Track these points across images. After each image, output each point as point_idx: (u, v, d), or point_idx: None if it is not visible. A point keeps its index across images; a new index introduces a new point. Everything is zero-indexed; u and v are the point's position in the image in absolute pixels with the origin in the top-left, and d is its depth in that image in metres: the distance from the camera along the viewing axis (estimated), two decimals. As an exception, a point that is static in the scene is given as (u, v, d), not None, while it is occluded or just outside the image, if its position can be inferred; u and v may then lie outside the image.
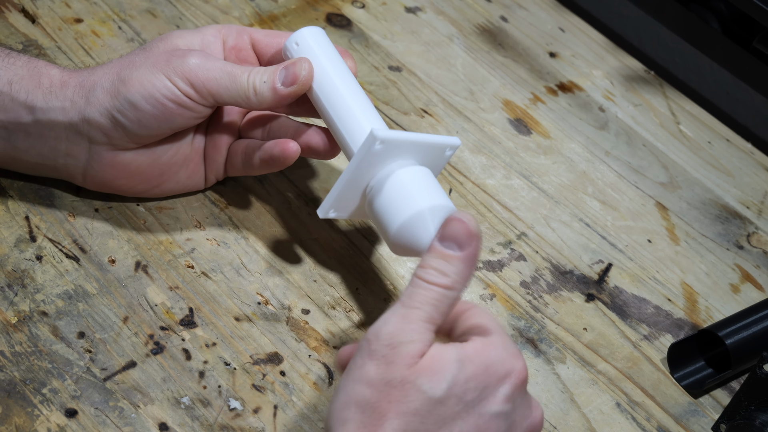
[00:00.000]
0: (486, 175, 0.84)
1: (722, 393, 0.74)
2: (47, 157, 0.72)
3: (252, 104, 0.70)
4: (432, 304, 0.58)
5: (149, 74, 0.69)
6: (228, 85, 0.69)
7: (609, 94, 0.93)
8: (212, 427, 0.65)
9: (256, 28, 0.75)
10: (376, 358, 0.56)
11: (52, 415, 0.64)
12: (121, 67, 0.70)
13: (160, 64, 0.69)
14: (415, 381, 0.56)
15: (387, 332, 0.57)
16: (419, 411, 0.56)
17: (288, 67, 0.70)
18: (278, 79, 0.70)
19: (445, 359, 0.57)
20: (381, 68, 0.89)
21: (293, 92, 0.70)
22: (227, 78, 0.69)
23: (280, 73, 0.70)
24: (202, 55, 0.70)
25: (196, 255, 0.74)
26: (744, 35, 0.92)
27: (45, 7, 0.87)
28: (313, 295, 0.73)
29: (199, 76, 0.69)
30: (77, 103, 0.69)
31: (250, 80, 0.70)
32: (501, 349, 0.58)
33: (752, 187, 0.88)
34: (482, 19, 0.97)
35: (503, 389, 0.58)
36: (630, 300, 0.78)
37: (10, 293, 0.69)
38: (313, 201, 0.78)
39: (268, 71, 0.70)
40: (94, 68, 0.71)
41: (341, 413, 0.56)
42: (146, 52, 0.71)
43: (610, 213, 0.83)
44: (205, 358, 0.68)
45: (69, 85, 0.70)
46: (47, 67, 0.71)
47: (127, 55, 0.71)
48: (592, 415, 0.71)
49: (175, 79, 0.69)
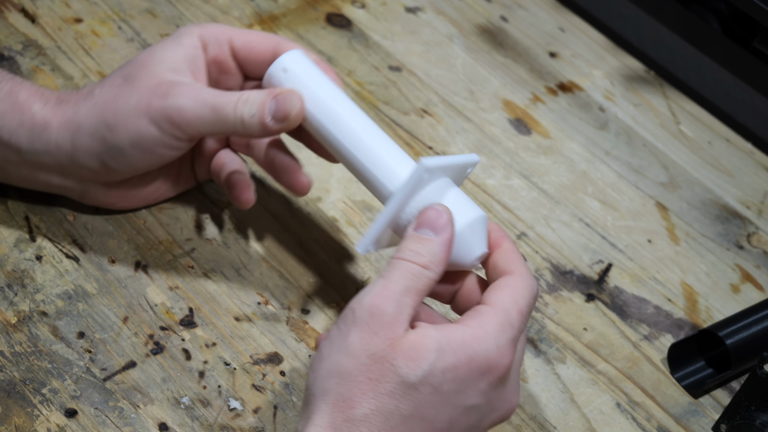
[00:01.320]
0: (486, 175, 0.84)
1: (722, 393, 0.74)
2: (41, 186, 0.72)
3: (240, 136, 0.68)
4: (410, 279, 0.59)
5: (134, 120, 0.66)
6: (214, 121, 0.66)
7: (609, 94, 0.93)
8: (212, 427, 0.65)
9: (237, 30, 0.71)
10: (359, 325, 0.57)
11: (52, 415, 0.64)
12: (104, 106, 0.67)
13: (143, 107, 0.66)
14: (393, 361, 0.56)
15: (369, 301, 0.58)
16: (394, 393, 0.56)
17: (278, 101, 0.66)
18: (268, 113, 0.66)
19: (425, 346, 0.57)
20: (381, 68, 0.89)
21: (283, 128, 0.66)
22: (212, 115, 0.66)
23: (270, 105, 0.66)
24: (184, 91, 0.66)
25: (196, 255, 0.73)
26: (744, 35, 0.92)
27: (45, 6, 0.87)
28: (313, 295, 0.73)
29: (184, 117, 0.66)
30: (63, 146, 0.68)
31: (237, 113, 0.66)
32: (489, 344, 0.58)
33: (752, 187, 0.88)
34: (482, 19, 0.97)
35: (482, 384, 0.58)
36: (630, 300, 0.78)
37: (9, 293, 0.69)
38: (313, 201, 0.78)
39: (257, 102, 0.66)
40: (76, 101, 0.68)
41: (323, 382, 0.57)
42: (129, 85, 0.67)
43: (610, 213, 0.83)
44: (205, 358, 0.68)
45: (51, 126, 0.68)
46: (28, 100, 0.68)
47: (108, 84, 0.68)
48: (592, 415, 0.71)
49: (161, 124, 0.66)
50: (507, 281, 0.61)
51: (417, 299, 0.59)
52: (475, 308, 0.60)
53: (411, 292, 0.59)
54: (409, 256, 0.60)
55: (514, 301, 0.60)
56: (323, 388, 0.57)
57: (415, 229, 0.61)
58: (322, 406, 0.57)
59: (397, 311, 0.58)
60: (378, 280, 0.59)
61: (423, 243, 0.60)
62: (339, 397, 0.57)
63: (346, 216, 0.78)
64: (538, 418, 0.70)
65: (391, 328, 0.57)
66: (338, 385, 0.57)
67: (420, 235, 0.61)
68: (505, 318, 0.59)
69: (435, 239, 0.60)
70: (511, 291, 0.60)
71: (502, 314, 0.59)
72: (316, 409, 0.57)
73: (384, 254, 0.76)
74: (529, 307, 0.61)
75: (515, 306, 0.60)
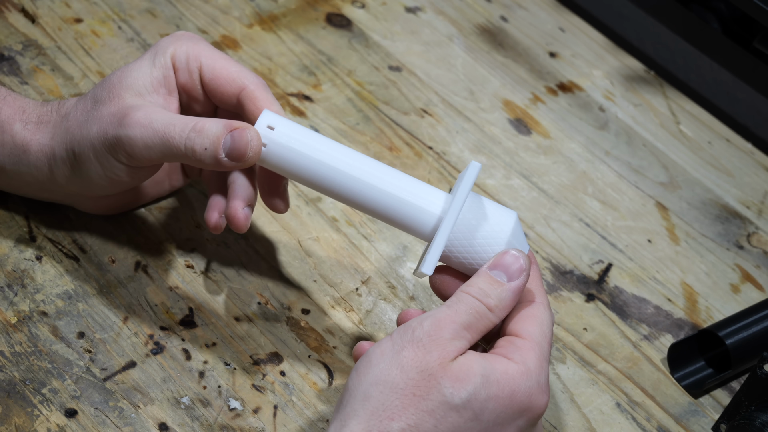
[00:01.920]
0: (486, 175, 0.84)
1: (722, 393, 0.74)
2: (32, 197, 0.72)
3: (194, 165, 0.64)
4: (473, 315, 0.59)
5: (95, 151, 0.65)
6: (164, 152, 0.63)
7: (609, 94, 0.93)
8: (212, 427, 0.65)
9: (209, 56, 0.67)
10: (416, 344, 0.57)
11: (52, 415, 0.64)
12: (73, 133, 0.66)
13: (101, 136, 0.64)
14: (439, 380, 0.56)
15: (430, 323, 0.58)
16: (435, 412, 0.56)
17: (234, 137, 0.62)
18: (222, 150, 0.62)
19: (472, 370, 0.57)
20: (381, 68, 0.89)
21: (238, 167, 0.63)
22: (162, 145, 0.63)
23: (225, 141, 0.62)
24: (136, 120, 0.63)
25: (196, 255, 0.73)
26: (744, 35, 0.92)
27: (45, 6, 0.87)
28: (313, 295, 0.73)
29: (134, 148, 0.63)
30: (42, 170, 0.68)
31: (188, 145, 0.62)
32: (532, 381, 0.58)
33: (752, 187, 0.88)
34: (482, 19, 0.97)
35: (520, 421, 0.58)
36: (630, 300, 0.78)
37: (10, 293, 0.69)
38: (313, 201, 0.78)
39: (211, 135, 0.62)
40: (54, 123, 0.67)
41: (368, 388, 0.57)
42: (95, 110, 0.66)
43: (610, 213, 0.83)
44: (205, 358, 0.68)
45: (30, 151, 0.67)
46: (9, 120, 0.67)
47: (81, 106, 0.67)
48: (592, 415, 0.71)
49: (117, 154, 0.64)
50: (534, 312, 0.61)
51: (474, 336, 0.59)
52: (509, 339, 0.60)
53: (471, 328, 0.59)
54: (478, 294, 0.60)
55: (543, 333, 0.60)
56: (366, 394, 0.57)
57: (490, 268, 0.61)
58: (361, 412, 0.56)
59: (453, 338, 0.58)
60: (442, 308, 0.59)
61: (494, 285, 0.60)
62: (380, 406, 0.56)
63: (346, 216, 0.78)
64: (538, 418, 0.70)
65: (444, 350, 0.57)
66: (382, 394, 0.57)
67: (493, 276, 0.60)
68: (541, 353, 0.60)
69: (507, 285, 0.60)
70: (540, 322, 0.61)
71: (538, 349, 0.60)
72: (353, 413, 0.57)
73: (384, 253, 0.76)
74: (552, 335, 0.62)
75: (546, 339, 0.60)
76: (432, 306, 0.74)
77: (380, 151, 0.83)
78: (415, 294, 0.74)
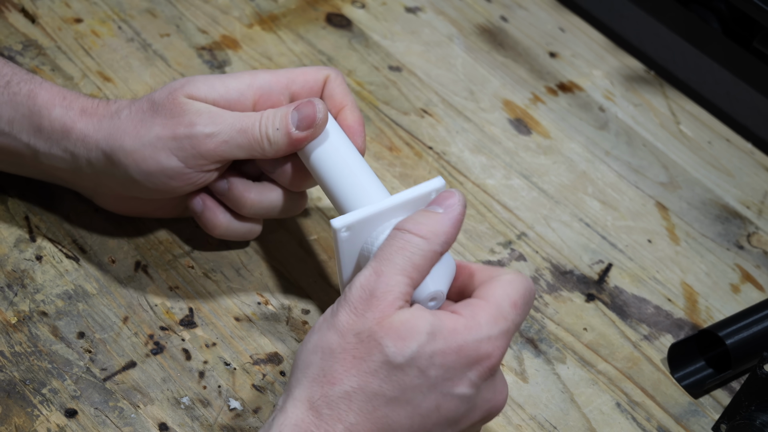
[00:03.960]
0: (486, 175, 0.84)
1: (722, 393, 0.74)
2: (55, 181, 0.72)
3: (267, 154, 0.66)
4: (406, 253, 0.58)
5: (154, 150, 0.65)
6: (240, 143, 0.65)
7: (609, 94, 0.93)
8: (212, 427, 0.65)
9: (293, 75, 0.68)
10: (349, 305, 0.57)
11: (52, 415, 0.64)
12: (126, 130, 0.66)
13: (166, 136, 0.65)
14: (380, 340, 0.56)
15: (360, 283, 0.57)
16: (378, 372, 0.56)
17: (300, 109, 0.65)
18: (292, 123, 0.65)
19: (416, 327, 0.56)
20: (381, 68, 0.89)
21: (309, 136, 0.65)
22: (239, 136, 0.65)
23: (292, 115, 0.65)
24: (209, 119, 0.65)
25: (196, 255, 0.73)
26: (744, 35, 0.92)
27: (45, 6, 0.87)
28: (313, 295, 0.73)
29: (212, 143, 0.65)
30: (79, 158, 0.67)
31: (263, 130, 0.65)
32: (481, 334, 0.57)
33: (752, 187, 0.88)
34: (482, 19, 0.97)
35: (471, 374, 0.57)
36: (630, 300, 0.78)
37: (9, 293, 0.69)
38: (313, 201, 0.78)
39: (278, 115, 0.65)
40: (101, 116, 0.67)
41: (308, 356, 0.57)
42: (153, 112, 0.66)
43: (610, 213, 0.83)
44: (205, 358, 0.68)
45: (70, 137, 0.67)
46: (48, 105, 0.67)
47: (136, 107, 0.67)
48: (592, 415, 0.71)
49: (185, 153, 0.65)
50: (499, 277, 0.60)
51: (414, 275, 0.58)
52: (466, 300, 0.59)
53: (406, 268, 0.58)
54: (409, 225, 0.59)
55: (506, 294, 0.59)
56: (306, 362, 0.57)
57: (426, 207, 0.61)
58: (303, 380, 0.56)
59: (387, 291, 0.57)
60: (372, 261, 0.58)
61: (427, 215, 0.59)
62: (320, 372, 0.56)
63: (346, 216, 0.78)
64: (538, 418, 0.70)
65: (379, 308, 0.56)
66: (322, 360, 0.56)
67: (428, 209, 0.60)
68: (497, 310, 0.58)
69: (441, 213, 0.59)
70: (503, 284, 0.59)
71: (494, 307, 0.58)
72: (296, 383, 0.57)
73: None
74: (523, 300, 0.59)
75: (507, 299, 0.59)
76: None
77: (380, 151, 0.83)
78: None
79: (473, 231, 0.79)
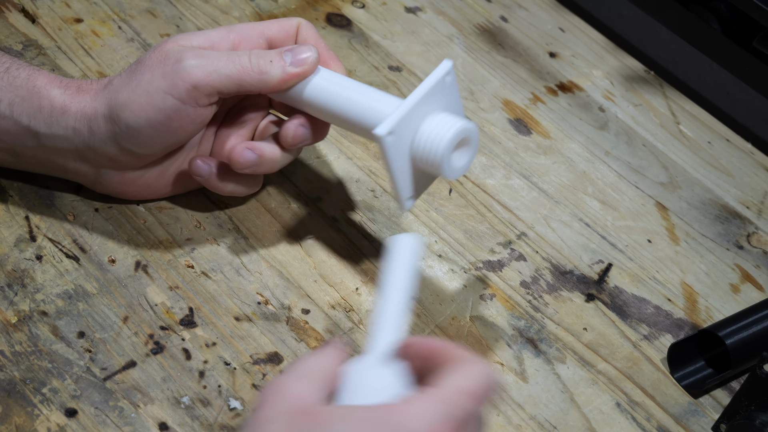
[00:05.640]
0: (486, 175, 0.84)
1: (722, 393, 0.74)
2: (56, 171, 0.72)
3: (258, 87, 0.69)
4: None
5: (149, 95, 0.67)
6: (230, 73, 0.67)
7: (609, 94, 0.93)
8: (212, 426, 0.65)
9: (267, 24, 0.73)
10: None
11: (52, 414, 0.64)
12: (119, 88, 0.68)
13: (157, 78, 0.67)
14: None
15: None
16: None
17: (294, 51, 0.69)
18: (287, 58, 0.69)
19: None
20: (381, 68, 0.89)
21: (302, 73, 0.69)
22: (229, 66, 0.68)
23: (286, 54, 0.69)
24: (196, 52, 0.68)
25: (196, 255, 0.74)
26: (744, 35, 0.92)
27: (45, 6, 0.87)
28: (313, 295, 0.73)
29: (200, 76, 0.67)
30: (80, 131, 0.69)
31: (253, 61, 0.68)
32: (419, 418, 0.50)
33: (752, 187, 0.88)
34: (482, 19, 0.97)
35: None
36: (630, 300, 0.78)
37: (10, 293, 0.69)
38: (313, 201, 0.78)
39: (272, 53, 0.69)
40: (95, 88, 0.69)
41: None
42: (140, 65, 0.68)
43: (610, 213, 0.83)
44: (205, 357, 0.68)
45: (69, 112, 0.68)
46: (47, 86, 0.69)
47: (125, 71, 0.69)
48: (592, 415, 0.71)
49: (178, 90, 0.67)
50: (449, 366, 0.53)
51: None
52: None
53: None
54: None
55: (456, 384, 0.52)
56: None
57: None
58: None
59: None
60: None
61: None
62: None
63: (346, 216, 0.78)
64: (538, 418, 0.70)
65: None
66: None
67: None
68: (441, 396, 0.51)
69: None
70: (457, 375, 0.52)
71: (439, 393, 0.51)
72: None
73: (383, 252, 0.76)
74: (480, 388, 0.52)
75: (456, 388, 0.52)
76: (434, 309, 0.74)
77: (380, 151, 0.83)
78: (415, 294, 0.74)
79: (473, 231, 0.79)
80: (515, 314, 0.75)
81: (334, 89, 0.70)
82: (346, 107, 0.69)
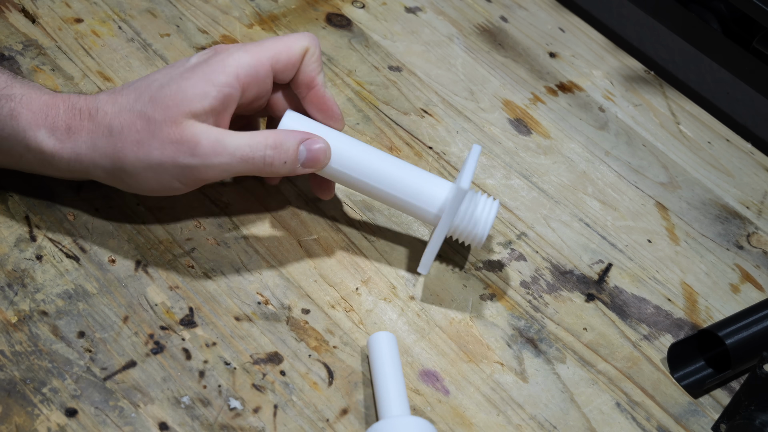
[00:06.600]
0: (486, 175, 0.84)
1: (722, 393, 0.74)
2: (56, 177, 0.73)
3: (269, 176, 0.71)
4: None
5: (156, 173, 0.67)
6: (242, 170, 0.68)
7: (609, 94, 0.93)
8: (212, 426, 0.65)
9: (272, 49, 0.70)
10: None
11: (52, 414, 0.64)
12: (124, 150, 0.66)
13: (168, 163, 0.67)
14: None
15: None
16: None
17: (309, 148, 0.69)
18: (300, 160, 0.69)
19: None
20: (381, 68, 0.89)
21: (309, 172, 0.71)
22: (240, 164, 0.68)
23: (301, 152, 0.69)
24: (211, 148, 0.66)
25: (196, 255, 0.74)
26: (744, 35, 0.92)
27: (45, 7, 0.87)
28: (313, 295, 0.73)
29: (212, 175, 0.68)
30: (76, 173, 0.69)
31: (267, 161, 0.68)
32: None
33: (752, 187, 0.88)
34: (482, 19, 0.97)
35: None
36: (630, 300, 0.78)
37: (10, 293, 0.69)
38: (313, 201, 0.78)
39: (288, 151, 0.69)
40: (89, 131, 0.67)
41: None
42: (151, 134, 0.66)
43: (610, 213, 0.83)
44: (205, 357, 0.68)
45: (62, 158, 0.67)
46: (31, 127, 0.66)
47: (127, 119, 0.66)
48: (592, 414, 0.71)
49: (186, 179, 0.68)
50: None
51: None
52: None
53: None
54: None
55: None
56: None
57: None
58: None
59: None
60: None
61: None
62: None
63: (346, 216, 0.78)
64: (538, 417, 0.70)
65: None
66: None
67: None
68: None
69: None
70: None
71: None
72: None
73: (384, 253, 0.76)
74: None
75: None
76: (434, 309, 0.74)
77: (380, 151, 0.83)
78: (415, 294, 0.74)
79: (473, 231, 0.79)
80: (515, 314, 0.75)
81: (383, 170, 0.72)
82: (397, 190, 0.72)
